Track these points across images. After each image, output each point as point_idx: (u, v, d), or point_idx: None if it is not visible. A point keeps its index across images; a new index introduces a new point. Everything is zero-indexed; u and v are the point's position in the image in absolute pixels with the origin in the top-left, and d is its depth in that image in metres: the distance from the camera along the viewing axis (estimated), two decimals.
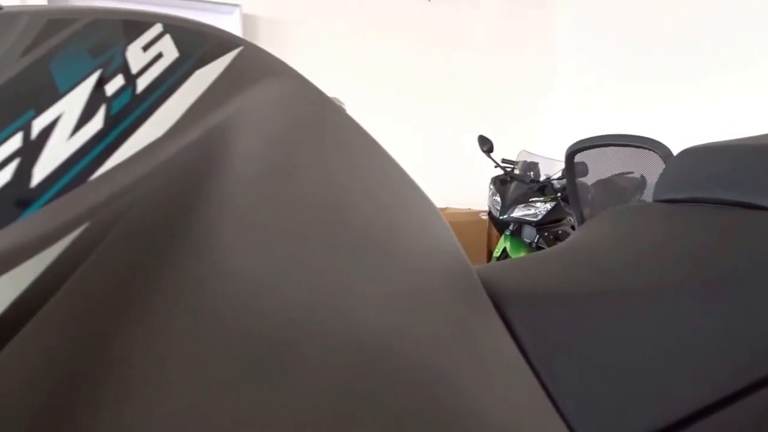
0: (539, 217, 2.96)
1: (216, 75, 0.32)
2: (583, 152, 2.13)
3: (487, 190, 3.26)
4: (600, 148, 2.11)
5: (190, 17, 0.36)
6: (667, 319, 0.49)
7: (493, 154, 3.19)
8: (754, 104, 3.22)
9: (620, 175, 2.34)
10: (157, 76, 0.30)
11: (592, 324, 0.48)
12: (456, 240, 0.46)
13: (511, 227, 3.04)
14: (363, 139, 0.41)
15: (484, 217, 3.65)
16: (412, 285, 0.40)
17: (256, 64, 0.35)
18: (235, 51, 0.34)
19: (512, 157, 3.46)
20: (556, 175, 3.10)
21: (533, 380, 0.44)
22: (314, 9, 4.06)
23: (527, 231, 3.02)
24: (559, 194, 3.06)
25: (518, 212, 2.99)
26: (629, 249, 0.58)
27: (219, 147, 0.30)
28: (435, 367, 0.39)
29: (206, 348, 0.29)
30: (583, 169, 2.23)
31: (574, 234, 0.69)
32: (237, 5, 3.81)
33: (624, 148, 2.02)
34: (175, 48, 0.32)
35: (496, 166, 3.26)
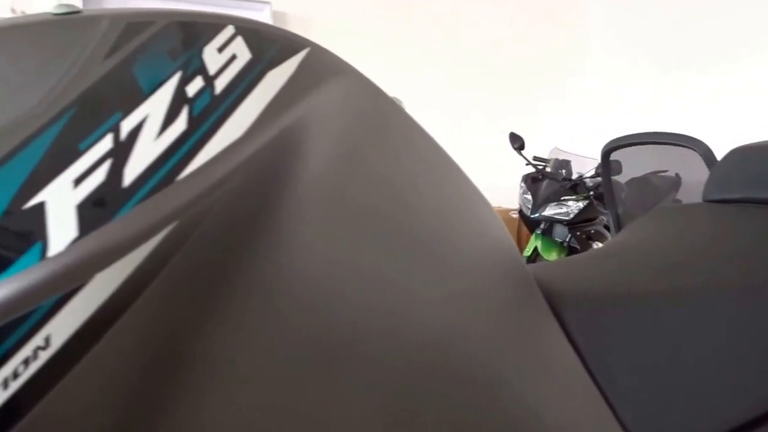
0: (571, 216, 2.93)
1: (287, 76, 0.33)
2: (617, 150, 2.10)
3: (517, 188, 3.23)
4: (634, 147, 2.07)
5: (215, 11, 0.36)
6: (724, 323, 0.48)
7: (524, 151, 3.16)
8: None
9: (654, 174, 2.30)
10: (233, 77, 0.31)
11: (649, 327, 0.47)
12: (511, 239, 0.46)
13: (542, 226, 3.02)
14: (422, 138, 0.42)
15: (514, 215, 3.62)
16: (471, 285, 0.40)
17: (322, 64, 0.36)
18: (303, 52, 0.35)
19: (543, 155, 3.42)
20: (589, 174, 3.06)
21: (590, 383, 0.44)
22: (343, 5, 4.07)
23: (558, 230, 2.99)
24: (592, 193, 3.02)
25: (550, 211, 2.96)
26: (681, 250, 0.58)
27: (292, 148, 0.31)
28: (493, 368, 0.39)
29: (276, 347, 0.30)
30: (617, 167, 2.20)
31: (623, 233, 0.68)
32: (267, 2, 3.84)
33: (659, 145, 1.98)
34: (247, 50, 0.33)
35: (527, 164, 3.24)
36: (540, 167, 3.21)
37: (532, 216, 3.01)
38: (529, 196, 3.06)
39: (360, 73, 0.39)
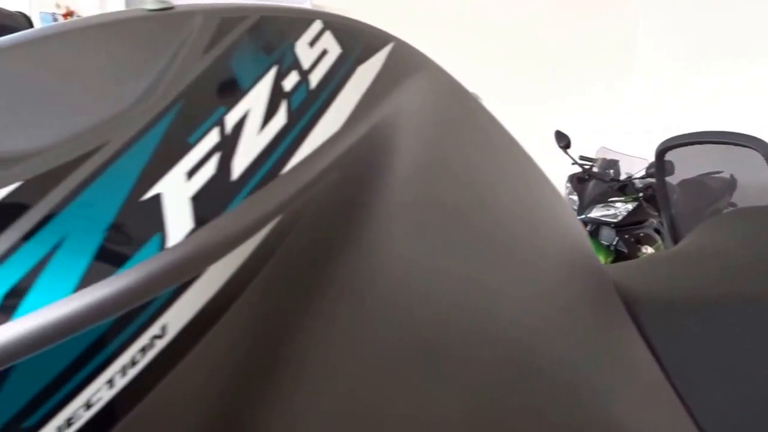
0: (619, 218, 2.88)
1: (376, 71, 0.34)
2: (671, 150, 2.05)
3: (563, 188, 3.19)
4: (686, 147, 2.02)
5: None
6: None
7: (570, 150, 3.12)
8: None
9: (707, 175, 2.24)
10: (326, 72, 0.31)
11: (729, 332, 0.47)
12: (587, 238, 0.46)
13: (588, 228, 2.97)
14: (501, 134, 0.42)
15: None
16: (552, 286, 0.40)
17: (407, 59, 0.37)
18: (389, 47, 0.36)
19: (589, 154, 3.37)
20: (639, 174, 3.00)
21: (669, 389, 0.44)
22: None
23: (605, 233, 2.94)
24: (641, 194, 2.97)
25: (596, 212, 2.91)
26: (758, 253, 0.57)
27: (382, 144, 0.32)
28: (575, 370, 0.39)
29: (364, 345, 0.31)
30: (669, 168, 2.15)
31: (693, 235, 0.67)
32: None
33: (712, 145, 1.93)
34: (337, 44, 0.33)
35: (573, 163, 3.19)
36: (586, 167, 3.16)
37: (578, 218, 2.97)
38: (575, 197, 3.02)
39: (441, 68, 0.40)
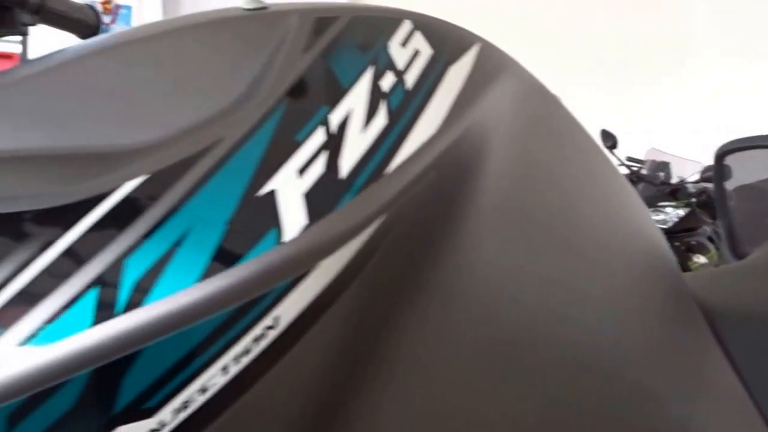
0: (669, 224, 2.82)
1: (467, 72, 0.35)
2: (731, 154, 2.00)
3: None
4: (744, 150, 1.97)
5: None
6: None
7: (617, 151, 3.07)
8: None
9: (766, 181, 2.18)
10: (420, 72, 0.33)
11: None
12: (666, 244, 0.47)
13: None
14: (581, 135, 0.43)
15: None
16: (632, 291, 0.41)
17: (493, 60, 0.38)
18: (476, 47, 0.37)
19: (638, 155, 3.31)
20: (691, 178, 2.94)
21: (750, 405, 0.44)
22: None
23: None
24: (694, 199, 2.90)
25: None
26: None
27: (475, 145, 0.33)
28: (652, 376, 0.39)
29: (452, 345, 0.32)
30: (727, 172, 2.10)
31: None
32: None
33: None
34: (427, 45, 0.35)
35: (620, 165, 3.14)
36: (635, 169, 3.11)
37: None
38: None
39: (524, 68, 0.40)
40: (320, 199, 0.26)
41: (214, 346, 0.24)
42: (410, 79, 0.32)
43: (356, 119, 0.29)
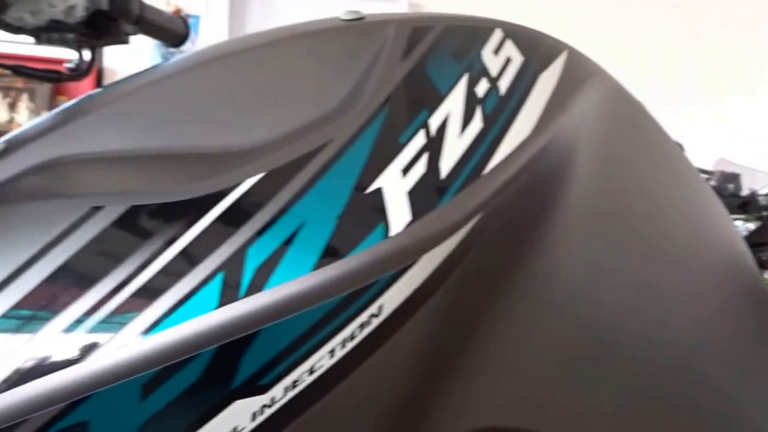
0: None
1: (556, 79, 0.36)
2: None
3: None
4: None
5: (359, 6, 0.40)
6: None
7: None
8: None
9: None
10: (512, 79, 0.35)
11: None
12: (748, 251, 0.47)
13: None
14: (666, 141, 0.44)
15: None
16: (713, 295, 0.41)
17: (581, 67, 0.39)
18: (564, 54, 0.38)
19: (706, 166, 3.21)
20: (763, 190, 2.83)
21: None
22: None
23: None
24: (765, 212, 2.79)
25: None
26: None
27: (565, 148, 0.34)
28: (729, 380, 0.40)
29: (540, 342, 0.34)
30: None
31: None
32: None
33: None
34: (518, 52, 0.36)
35: None
36: None
37: None
38: None
39: (610, 75, 0.42)
40: (422, 198, 0.28)
41: (324, 330, 0.27)
42: (503, 86, 0.34)
43: (454, 123, 0.31)
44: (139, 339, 0.25)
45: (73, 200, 0.29)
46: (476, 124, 0.32)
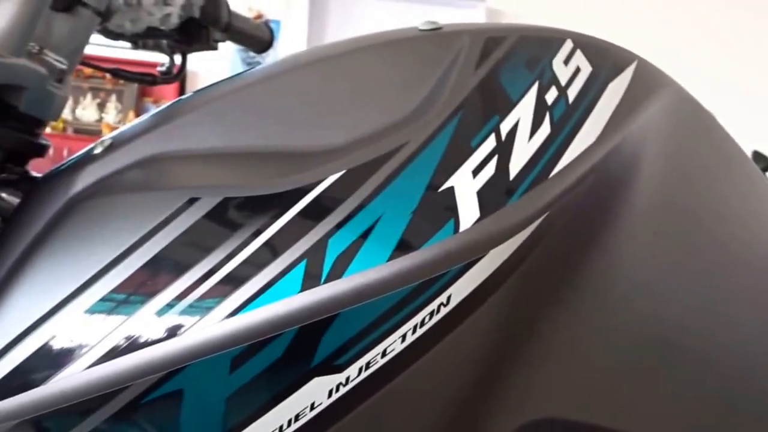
0: None
1: (624, 88, 0.38)
2: None
3: None
4: None
5: (435, 13, 0.42)
6: None
7: None
8: None
9: None
10: (581, 88, 0.36)
11: None
12: None
13: None
14: (736, 152, 0.44)
15: None
16: None
17: (650, 76, 0.40)
18: (633, 65, 0.40)
19: None
20: None
21: None
22: (559, 3, 4.03)
23: None
24: None
25: None
26: None
27: (631, 154, 0.36)
28: None
29: (601, 339, 0.35)
30: None
31: None
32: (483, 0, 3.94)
33: None
34: (587, 63, 0.38)
35: None
36: None
37: None
38: None
39: (680, 85, 0.42)
40: (491, 197, 0.31)
41: (397, 316, 0.29)
42: (572, 94, 0.36)
43: (523, 129, 0.33)
44: (229, 318, 0.29)
45: (172, 192, 0.32)
46: (544, 129, 0.33)
